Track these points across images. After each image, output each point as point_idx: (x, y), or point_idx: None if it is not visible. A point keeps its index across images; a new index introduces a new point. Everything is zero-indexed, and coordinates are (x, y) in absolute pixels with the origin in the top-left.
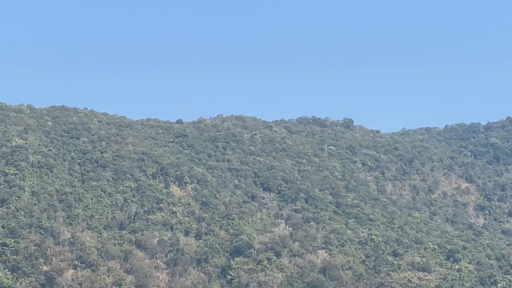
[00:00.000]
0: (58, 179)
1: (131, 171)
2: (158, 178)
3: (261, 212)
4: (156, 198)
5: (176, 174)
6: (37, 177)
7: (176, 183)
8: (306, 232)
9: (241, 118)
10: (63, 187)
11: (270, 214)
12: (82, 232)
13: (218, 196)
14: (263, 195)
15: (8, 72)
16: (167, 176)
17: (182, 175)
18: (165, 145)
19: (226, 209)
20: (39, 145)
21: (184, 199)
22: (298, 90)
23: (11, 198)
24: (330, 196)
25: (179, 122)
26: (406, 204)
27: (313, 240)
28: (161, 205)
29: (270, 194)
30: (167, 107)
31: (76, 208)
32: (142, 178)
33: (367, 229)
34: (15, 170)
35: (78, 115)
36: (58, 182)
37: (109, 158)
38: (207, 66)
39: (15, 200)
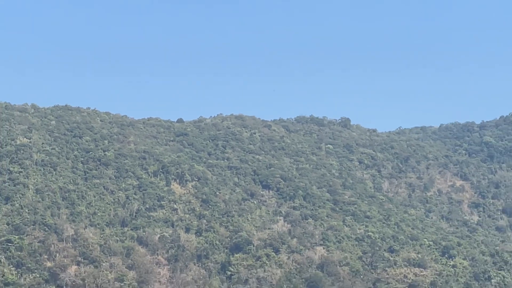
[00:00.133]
0: (61, 177)
1: (133, 169)
2: (159, 176)
3: (260, 209)
4: (158, 195)
5: (177, 172)
6: (41, 175)
7: (177, 181)
8: (304, 229)
9: (240, 117)
10: (67, 184)
11: (269, 211)
12: (85, 229)
13: (218, 193)
14: (262, 192)
15: (13, 73)
16: (168, 174)
17: (183, 173)
18: (166, 143)
19: (226, 206)
20: (43, 143)
21: (185, 196)
22: (296, 90)
23: (15, 195)
24: (327, 193)
25: (180, 121)
26: (402, 202)
27: (311, 237)
28: (162, 202)
29: (269, 192)
30: (168, 107)
31: (79, 206)
32: (144, 176)
33: (364, 226)
34: (19, 168)
35: (81, 115)
36: (61, 180)
37: (111, 156)
38: (207, 66)
39: (20, 198)
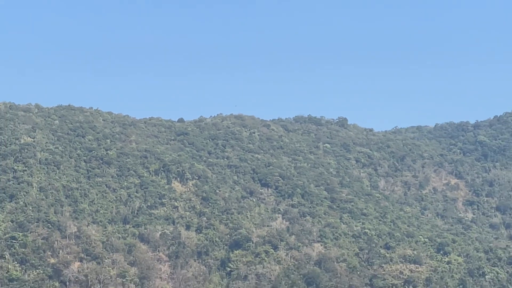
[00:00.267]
0: (64, 175)
1: (135, 167)
2: (160, 174)
3: (259, 207)
4: (159, 193)
5: (177, 171)
6: (44, 173)
7: (178, 179)
8: (302, 226)
9: (240, 117)
10: (70, 183)
11: (268, 209)
12: (87, 226)
13: (218, 191)
14: (261, 190)
15: (17, 73)
16: (169, 173)
17: (184, 172)
18: (167, 142)
19: (226, 204)
20: (46, 143)
21: (186, 194)
22: (294, 90)
23: (19, 193)
24: (325, 191)
25: (181, 120)
26: (398, 199)
27: (309, 234)
28: (163, 200)
29: (268, 190)
30: (169, 107)
31: (82, 203)
32: (145, 175)
33: (361, 223)
34: (23, 167)
35: (84, 114)
36: (64, 178)
37: (113, 155)
38: (207, 67)
39: (24, 196)
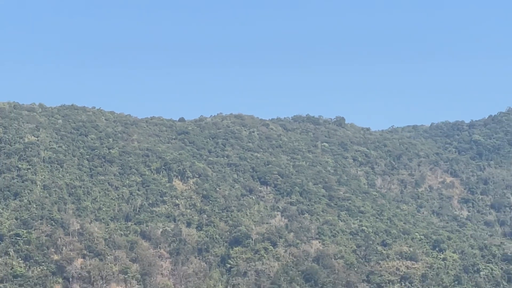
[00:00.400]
0: (68, 174)
1: (137, 166)
2: (161, 172)
3: (258, 204)
4: (160, 191)
5: (178, 169)
6: (48, 171)
7: (179, 177)
8: (300, 224)
9: (239, 116)
10: (73, 181)
11: (267, 207)
12: (90, 223)
13: (218, 189)
14: (260, 188)
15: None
16: (170, 171)
17: (184, 170)
18: (168, 141)
19: (226, 202)
20: (50, 141)
21: (186, 192)
22: (293, 90)
23: (23, 191)
24: (323, 189)
25: (181, 120)
26: (394, 197)
27: (307, 231)
28: (164, 198)
29: (267, 188)
30: (170, 106)
31: (84, 201)
32: (147, 173)
33: (358, 220)
34: (27, 165)
35: (87, 114)
36: (68, 177)
37: (115, 154)
38: (207, 67)
39: (28, 193)
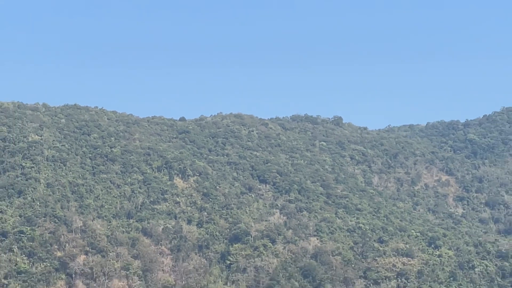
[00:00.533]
0: (71, 172)
1: (138, 164)
2: (163, 171)
3: (257, 202)
4: (161, 189)
5: (179, 168)
6: (51, 170)
7: (180, 175)
8: (299, 221)
9: (239, 116)
10: (76, 179)
11: (266, 204)
12: (93, 221)
13: (218, 187)
14: (259, 186)
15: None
16: (171, 169)
17: (185, 168)
18: (169, 140)
19: (225, 199)
20: (53, 140)
21: (187, 190)
22: (292, 90)
23: (27, 189)
24: (321, 187)
25: (182, 119)
26: (391, 195)
27: (305, 228)
28: (165, 196)
29: (266, 186)
30: (171, 106)
31: (87, 199)
32: (148, 171)
33: (355, 218)
34: (31, 164)
35: (89, 113)
36: (71, 175)
37: (117, 152)
38: (208, 68)
39: (31, 191)
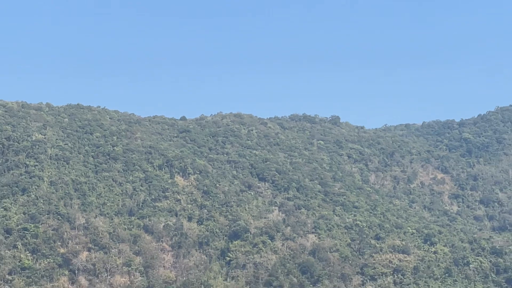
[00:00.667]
0: (73, 170)
1: (140, 163)
2: (164, 169)
3: (256, 200)
4: (162, 187)
5: (180, 166)
6: (54, 168)
7: (180, 174)
8: (297, 218)
9: (238, 115)
10: (78, 177)
11: (265, 202)
12: (95, 218)
13: (218, 185)
14: (258, 184)
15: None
16: (172, 168)
17: (186, 167)
18: (170, 139)
19: (225, 197)
20: (56, 139)
21: (187, 188)
22: (290, 90)
23: (31, 187)
24: (319, 185)
25: (183, 119)
26: (387, 193)
27: (303, 225)
28: (166, 193)
29: (265, 184)
30: (172, 106)
31: (90, 196)
32: (150, 169)
33: (353, 215)
34: (35, 162)
35: (92, 113)
36: (73, 173)
37: (119, 151)
38: (208, 69)
39: (35, 189)
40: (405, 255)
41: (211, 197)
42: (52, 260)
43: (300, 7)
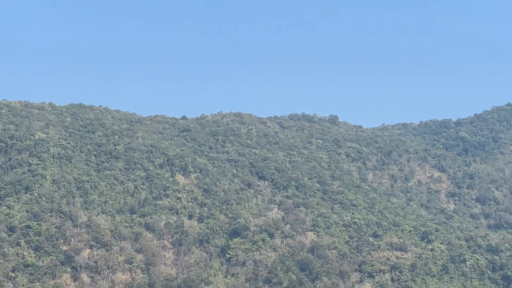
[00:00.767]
0: (76, 169)
1: (141, 161)
2: (165, 168)
3: (256, 198)
4: (163, 185)
5: (181, 164)
6: (57, 167)
7: (181, 172)
8: (296, 216)
9: (238, 114)
10: (81, 176)
11: (264, 200)
12: (97, 216)
13: (218, 184)
14: (258, 183)
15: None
16: (173, 166)
17: (186, 165)
18: (171, 138)
19: (225, 195)
20: (59, 138)
21: (188, 186)
22: (289, 90)
23: (34, 185)
24: (317, 184)
25: (184, 118)
26: (385, 191)
27: (302, 223)
28: (167, 192)
29: (264, 182)
30: (173, 105)
31: (92, 195)
32: (151, 168)
33: (351, 213)
34: (38, 161)
35: (94, 112)
36: (76, 172)
37: (121, 150)
38: (208, 69)
39: (38, 188)
40: (402, 252)
41: (211, 195)
42: (54, 258)
43: (300, 9)
